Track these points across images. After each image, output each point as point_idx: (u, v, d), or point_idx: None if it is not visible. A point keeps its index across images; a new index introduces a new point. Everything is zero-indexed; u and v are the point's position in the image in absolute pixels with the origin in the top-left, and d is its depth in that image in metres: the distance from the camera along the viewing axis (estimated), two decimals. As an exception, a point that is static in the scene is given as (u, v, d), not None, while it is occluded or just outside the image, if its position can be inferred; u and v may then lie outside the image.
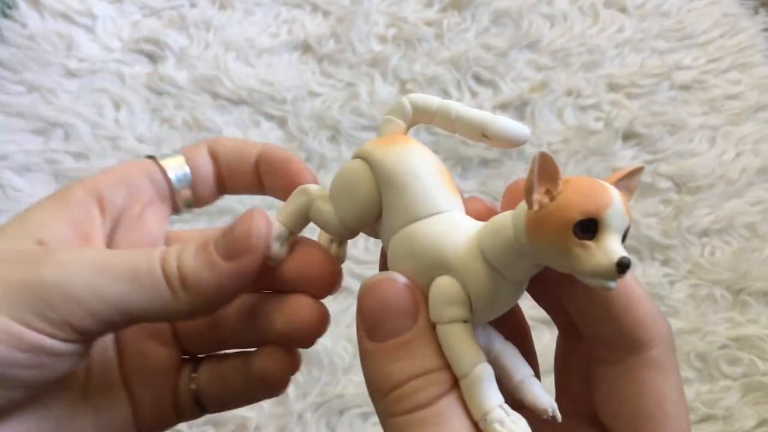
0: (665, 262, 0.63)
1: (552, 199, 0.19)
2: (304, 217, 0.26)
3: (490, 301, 0.21)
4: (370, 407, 0.56)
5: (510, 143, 0.24)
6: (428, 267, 0.22)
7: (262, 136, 0.69)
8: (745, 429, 0.55)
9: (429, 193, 0.23)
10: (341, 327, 0.58)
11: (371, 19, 0.77)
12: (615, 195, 0.19)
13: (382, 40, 0.76)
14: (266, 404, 0.56)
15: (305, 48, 0.76)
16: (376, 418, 0.55)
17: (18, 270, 0.22)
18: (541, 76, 0.73)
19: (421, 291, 0.22)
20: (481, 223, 0.22)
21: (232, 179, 0.29)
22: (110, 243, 0.27)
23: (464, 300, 0.21)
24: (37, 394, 0.24)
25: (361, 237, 0.28)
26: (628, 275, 0.20)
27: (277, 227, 0.25)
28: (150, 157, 0.28)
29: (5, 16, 0.75)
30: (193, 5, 0.78)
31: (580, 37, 0.76)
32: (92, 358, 0.26)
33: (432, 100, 0.25)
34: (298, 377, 0.57)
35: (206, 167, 0.28)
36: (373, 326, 0.22)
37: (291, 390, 0.56)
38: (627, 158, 0.69)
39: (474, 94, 0.73)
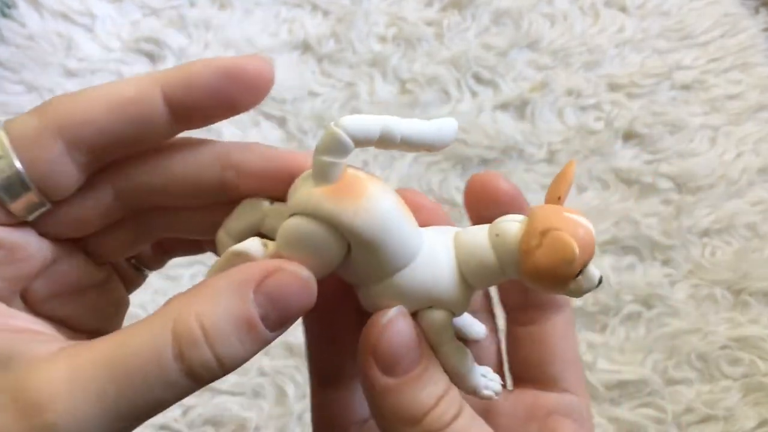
0: (666, 262, 0.63)
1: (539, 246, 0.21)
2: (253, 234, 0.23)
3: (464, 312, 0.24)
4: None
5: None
6: (420, 305, 0.23)
7: (261, 136, 0.69)
8: (746, 429, 0.55)
9: (406, 242, 0.22)
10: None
11: (371, 18, 0.77)
12: (593, 232, 0.22)
13: (382, 39, 0.76)
14: (266, 404, 0.56)
15: (305, 48, 0.76)
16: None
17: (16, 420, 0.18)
18: (541, 76, 0.73)
19: None
20: (443, 238, 0.23)
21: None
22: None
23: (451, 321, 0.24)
24: None
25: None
26: None
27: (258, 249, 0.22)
28: None
29: (5, 15, 0.75)
30: (192, 5, 0.78)
31: (581, 37, 0.76)
32: None
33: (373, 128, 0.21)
34: (297, 377, 0.57)
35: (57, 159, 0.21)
36: (393, 362, 0.22)
37: (291, 390, 0.56)
38: (627, 158, 0.68)
39: (474, 94, 0.72)
